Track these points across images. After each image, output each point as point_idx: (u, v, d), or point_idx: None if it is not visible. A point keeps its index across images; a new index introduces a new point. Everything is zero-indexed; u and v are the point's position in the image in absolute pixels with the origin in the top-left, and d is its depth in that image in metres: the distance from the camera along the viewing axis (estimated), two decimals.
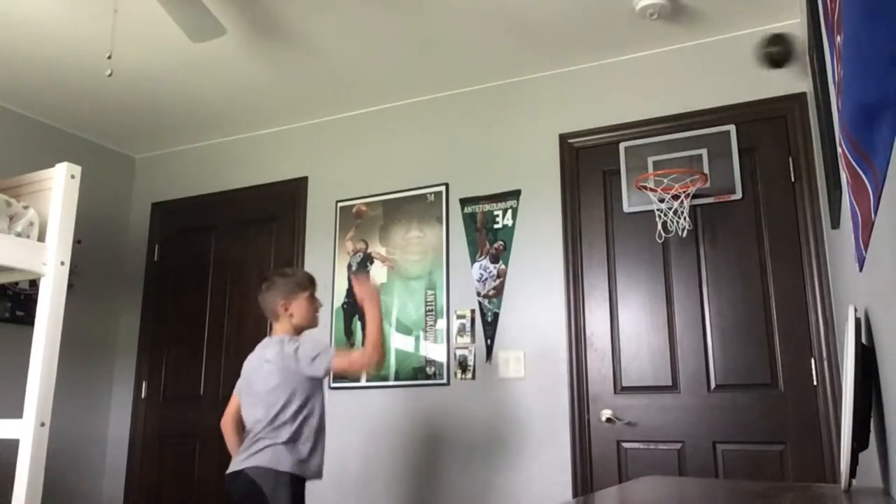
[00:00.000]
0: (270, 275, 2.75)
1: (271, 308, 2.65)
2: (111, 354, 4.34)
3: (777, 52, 2.45)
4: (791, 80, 3.03)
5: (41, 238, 2.38)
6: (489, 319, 3.40)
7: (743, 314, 2.97)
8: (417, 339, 3.53)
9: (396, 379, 3.53)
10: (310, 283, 2.70)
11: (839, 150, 1.59)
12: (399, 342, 3.57)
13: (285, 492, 2.39)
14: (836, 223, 2.20)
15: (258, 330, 3.97)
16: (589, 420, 3.13)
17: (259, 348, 2.64)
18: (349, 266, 3.78)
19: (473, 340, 3.41)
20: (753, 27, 3.15)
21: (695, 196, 3.03)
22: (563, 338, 3.23)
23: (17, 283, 3.69)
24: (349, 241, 3.82)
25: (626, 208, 3.21)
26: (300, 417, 2.47)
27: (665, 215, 3.06)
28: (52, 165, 2.47)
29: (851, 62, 1.06)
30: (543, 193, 3.42)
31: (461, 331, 3.44)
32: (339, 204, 3.89)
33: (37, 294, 2.37)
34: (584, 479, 3.07)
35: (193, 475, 3.97)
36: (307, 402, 2.50)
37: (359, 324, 3.68)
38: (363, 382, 3.60)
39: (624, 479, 3.01)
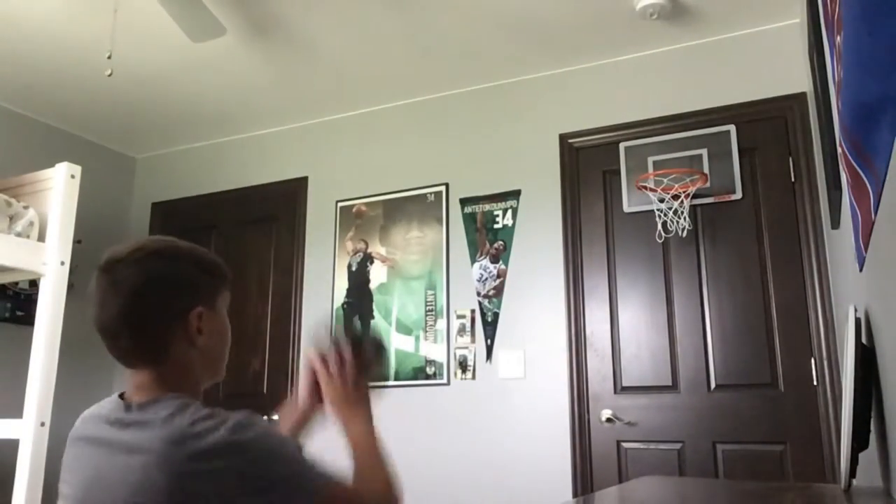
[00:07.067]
0: (125, 252, 1.13)
1: (141, 325, 1.12)
2: None
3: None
4: (791, 80, 3.03)
5: (41, 238, 2.38)
6: (489, 319, 3.40)
7: (743, 314, 2.97)
8: (417, 339, 3.53)
9: (396, 379, 3.53)
10: (224, 271, 1.24)
11: (839, 150, 1.59)
12: (399, 342, 3.57)
13: None
14: (836, 223, 2.20)
15: (257, 330, 3.97)
16: (589, 420, 3.13)
17: (96, 421, 1.17)
18: (349, 266, 3.78)
19: (473, 340, 3.41)
20: (753, 27, 3.15)
21: (695, 196, 3.03)
22: (563, 338, 3.23)
23: (17, 283, 3.69)
24: (349, 241, 3.82)
25: (626, 208, 3.21)
26: None
27: (665, 215, 3.06)
28: (52, 165, 2.47)
29: (851, 62, 1.06)
30: (543, 193, 3.42)
31: (461, 331, 3.44)
32: (339, 204, 3.89)
33: (37, 294, 2.37)
34: (584, 479, 3.07)
35: None
36: None
37: (358, 324, 3.68)
38: None
39: (624, 479, 3.01)
